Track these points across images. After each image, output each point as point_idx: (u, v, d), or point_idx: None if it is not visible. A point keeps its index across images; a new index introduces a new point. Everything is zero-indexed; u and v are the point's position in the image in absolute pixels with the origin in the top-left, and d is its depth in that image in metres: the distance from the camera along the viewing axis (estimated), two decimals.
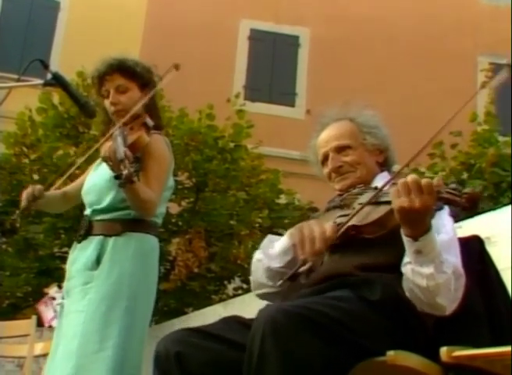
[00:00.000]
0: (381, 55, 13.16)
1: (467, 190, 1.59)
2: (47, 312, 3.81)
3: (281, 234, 2.08)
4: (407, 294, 1.73)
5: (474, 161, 5.77)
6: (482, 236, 1.91)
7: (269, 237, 2.10)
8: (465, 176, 5.77)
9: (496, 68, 6.93)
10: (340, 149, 2.07)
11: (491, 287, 1.80)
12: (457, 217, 1.60)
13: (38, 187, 2.65)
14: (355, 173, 2.05)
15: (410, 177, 1.64)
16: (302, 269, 1.84)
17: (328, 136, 2.12)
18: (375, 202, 1.81)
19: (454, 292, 1.68)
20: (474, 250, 1.81)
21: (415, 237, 1.66)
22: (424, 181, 1.62)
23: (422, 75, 13.00)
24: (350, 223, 1.81)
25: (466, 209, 1.58)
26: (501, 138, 6.04)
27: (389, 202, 1.72)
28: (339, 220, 1.87)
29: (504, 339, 1.65)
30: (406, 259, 1.72)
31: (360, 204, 1.85)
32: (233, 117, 8.50)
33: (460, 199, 1.57)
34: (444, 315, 1.70)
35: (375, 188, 1.91)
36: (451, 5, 13.63)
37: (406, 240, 1.69)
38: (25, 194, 2.62)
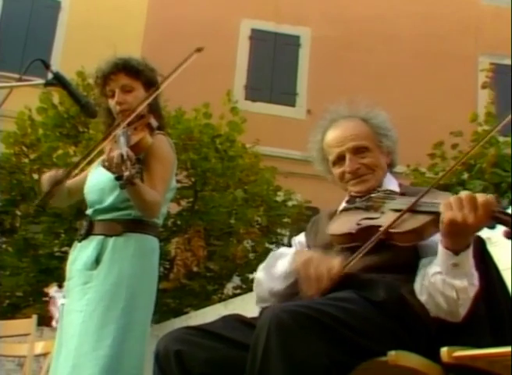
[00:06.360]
0: (382, 55, 13.16)
1: None
2: (55, 311, 3.81)
3: (283, 244, 2.05)
4: (423, 298, 1.72)
5: (474, 161, 5.76)
6: (483, 236, 1.91)
7: (273, 253, 2.07)
8: (465, 176, 5.76)
9: (496, 68, 6.92)
10: (357, 150, 2.01)
11: (492, 287, 1.79)
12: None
13: (61, 171, 2.60)
14: (374, 176, 2.01)
15: (465, 193, 1.64)
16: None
17: (343, 136, 2.03)
18: (413, 210, 1.78)
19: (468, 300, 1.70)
20: (475, 250, 1.81)
21: (456, 251, 1.66)
22: (482, 199, 1.61)
23: (423, 75, 13.01)
24: (384, 230, 1.78)
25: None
26: (501, 139, 6.03)
27: (428, 212, 1.71)
28: (364, 223, 1.86)
29: (505, 339, 1.65)
30: (436, 269, 1.70)
31: (395, 210, 1.82)
32: (228, 115, 8.49)
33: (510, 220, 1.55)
34: (457, 321, 1.70)
35: (402, 194, 1.90)
36: (452, 5, 13.63)
37: (444, 252, 1.67)
38: (48, 177, 2.57)
